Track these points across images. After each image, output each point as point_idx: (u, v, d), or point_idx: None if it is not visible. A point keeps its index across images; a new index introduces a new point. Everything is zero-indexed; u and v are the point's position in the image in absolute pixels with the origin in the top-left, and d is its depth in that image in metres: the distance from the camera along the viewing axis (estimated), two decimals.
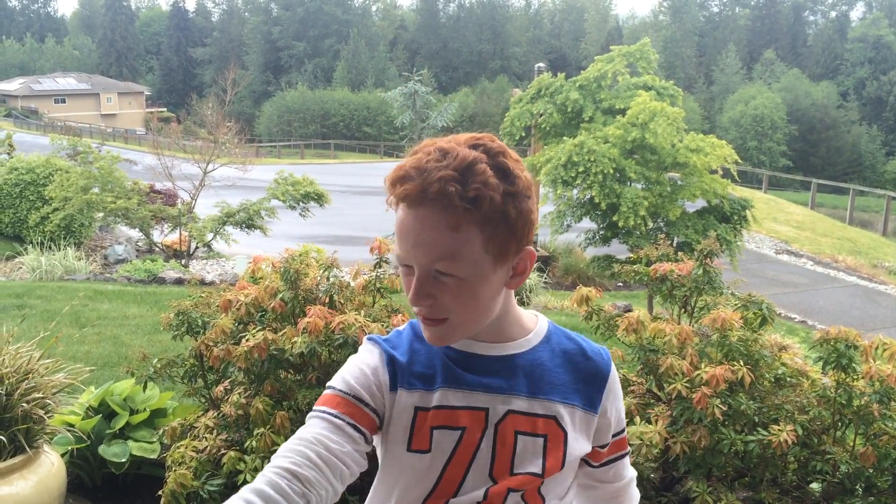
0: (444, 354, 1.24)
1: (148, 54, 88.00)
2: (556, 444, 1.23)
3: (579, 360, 1.27)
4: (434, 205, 1.08)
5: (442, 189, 1.07)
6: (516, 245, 1.14)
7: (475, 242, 1.10)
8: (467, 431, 1.20)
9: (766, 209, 19.08)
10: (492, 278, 1.14)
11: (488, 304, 1.17)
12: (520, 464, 1.21)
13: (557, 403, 1.23)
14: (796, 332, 8.76)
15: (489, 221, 1.10)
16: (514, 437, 1.21)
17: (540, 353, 1.25)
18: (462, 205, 1.07)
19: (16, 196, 12.38)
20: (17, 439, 3.05)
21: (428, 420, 1.20)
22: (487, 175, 1.09)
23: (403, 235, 1.13)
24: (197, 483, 3.02)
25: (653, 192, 10.08)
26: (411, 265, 1.13)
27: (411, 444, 1.20)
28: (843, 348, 2.88)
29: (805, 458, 2.93)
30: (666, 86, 11.63)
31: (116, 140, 42.90)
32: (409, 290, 1.15)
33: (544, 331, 1.28)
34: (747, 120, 50.87)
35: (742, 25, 75.19)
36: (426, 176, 1.08)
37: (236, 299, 3.24)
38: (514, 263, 1.17)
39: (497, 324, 1.22)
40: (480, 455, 1.20)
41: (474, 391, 1.21)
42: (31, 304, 7.43)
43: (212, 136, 13.02)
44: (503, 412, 1.21)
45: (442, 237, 1.09)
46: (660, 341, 3.03)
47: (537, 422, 1.22)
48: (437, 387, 1.21)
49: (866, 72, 63.58)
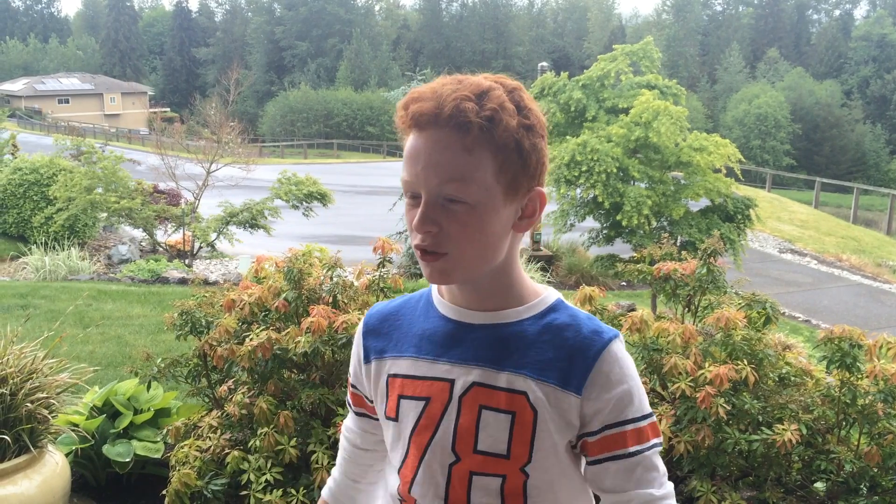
0: (427, 316, 1.22)
1: (151, 54, 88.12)
2: (525, 424, 1.13)
3: (569, 336, 1.15)
4: (448, 125, 1.06)
5: (457, 107, 1.05)
6: (528, 181, 1.11)
7: (487, 168, 1.07)
8: (431, 402, 1.17)
9: (770, 208, 19.04)
10: (501, 212, 1.10)
11: (494, 242, 1.12)
12: (484, 441, 1.14)
13: (529, 379, 1.13)
14: (800, 332, 8.74)
15: (503, 148, 1.07)
16: (479, 412, 1.15)
17: (526, 325, 1.17)
18: (477, 122, 1.05)
19: (20, 196, 12.41)
20: (21, 439, 3.05)
21: (397, 388, 1.21)
22: (504, 100, 1.08)
23: (413, 158, 1.09)
24: (201, 483, 3.02)
25: (656, 191, 10.08)
26: (418, 193, 1.09)
27: (386, 410, 1.23)
28: (847, 347, 2.88)
29: (809, 457, 2.92)
30: (669, 85, 11.63)
31: (120, 140, 42.96)
32: (413, 220, 1.10)
33: (544, 305, 1.19)
34: (751, 119, 50.79)
35: (745, 24, 75.06)
36: (441, 97, 1.07)
37: (240, 299, 3.24)
38: (524, 203, 1.13)
39: (493, 284, 1.16)
40: (442, 428, 1.16)
41: (439, 361, 1.18)
42: (36, 304, 7.45)
43: (215, 136, 13.02)
44: (468, 384, 1.15)
45: (454, 158, 1.06)
46: (663, 340, 3.02)
47: (503, 396, 1.14)
48: (405, 354, 1.21)
49: (870, 70, 63.43)
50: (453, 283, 1.16)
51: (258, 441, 2.99)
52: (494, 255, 1.13)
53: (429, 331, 1.21)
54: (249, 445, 3.05)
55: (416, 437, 1.18)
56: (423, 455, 1.18)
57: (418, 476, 1.19)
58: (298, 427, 3.06)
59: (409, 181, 1.10)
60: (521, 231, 1.15)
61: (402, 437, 1.20)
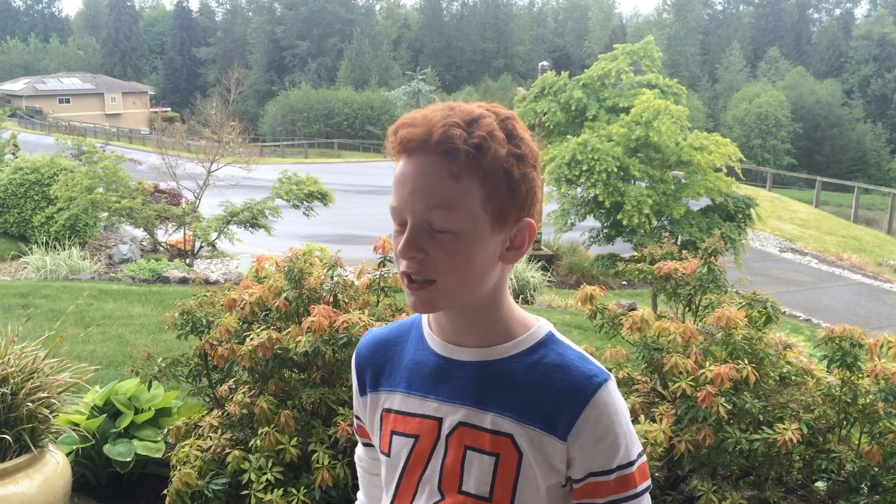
0: (419, 350, 1.21)
1: (152, 54, 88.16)
2: (509, 466, 1.12)
3: (556, 378, 1.12)
4: (435, 150, 1.05)
5: (446, 133, 1.05)
6: (516, 212, 1.10)
7: (475, 196, 1.06)
8: (420, 440, 1.18)
9: (771, 207, 19.04)
10: (488, 242, 1.08)
11: (480, 273, 1.09)
12: (468, 482, 1.14)
13: (513, 422, 1.12)
14: (801, 331, 8.74)
15: (491, 177, 1.06)
16: (464, 452, 1.14)
17: (514, 363, 1.14)
18: (465, 149, 1.04)
19: (20, 196, 12.42)
20: (22, 439, 3.06)
21: (390, 423, 1.21)
22: (494, 128, 1.07)
23: (401, 183, 1.08)
24: (201, 482, 3.02)
25: (657, 190, 10.07)
26: (405, 219, 1.08)
27: (381, 445, 1.24)
28: (847, 346, 2.88)
29: (810, 456, 2.92)
30: (670, 84, 11.62)
31: (121, 140, 42.97)
32: (399, 246, 1.09)
33: (533, 340, 1.16)
34: (751, 118, 50.76)
35: (746, 23, 75.03)
36: (431, 123, 1.06)
37: (240, 298, 3.24)
38: (513, 234, 1.11)
39: (481, 318, 1.15)
40: (430, 466, 1.17)
41: (428, 399, 1.17)
42: (36, 304, 7.45)
43: (216, 136, 13.04)
44: (454, 423, 1.15)
45: (441, 184, 1.05)
46: (664, 340, 3.02)
47: (487, 438, 1.13)
48: (399, 389, 1.21)
49: (871, 69, 63.41)
50: (437, 311, 1.15)
51: (259, 441, 2.99)
52: (480, 285, 1.11)
53: (419, 364, 1.20)
54: (250, 445, 3.05)
55: (407, 475, 1.19)
56: (414, 492, 1.18)
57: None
58: (299, 427, 3.06)
59: (396, 206, 1.09)
60: (508, 262, 1.13)
61: (395, 473, 1.21)
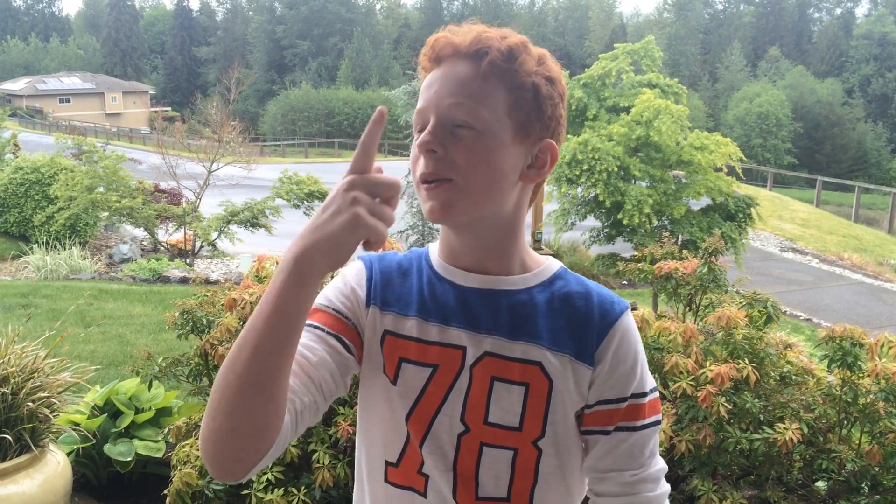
0: (427, 279, 1.15)
1: (152, 53, 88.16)
2: (539, 395, 1.10)
3: (580, 305, 1.13)
4: (467, 55, 1.06)
5: (478, 38, 1.06)
6: (540, 129, 1.09)
7: (500, 100, 1.05)
8: (439, 370, 1.11)
9: (771, 207, 19.03)
10: (509, 149, 1.06)
11: (500, 180, 1.07)
12: (495, 413, 1.10)
13: (545, 349, 1.10)
14: (801, 331, 8.74)
15: (519, 86, 1.06)
16: (491, 383, 1.10)
17: (535, 294, 1.13)
18: (496, 53, 1.05)
19: (21, 195, 12.42)
20: (22, 438, 3.06)
21: (398, 349, 1.12)
22: (528, 45, 1.08)
23: (427, 87, 1.08)
24: (202, 482, 3.03)
25: (657, 189, 10.07)
26: (428, 119, 1.06)
27: (385, 368, 1.13)
28: (848, 346, 2.88)
29: (811, 456, 2.92)
30: (670, 83, 11.62)
31: (121, 139, 42.94)
32: (418, 141, 1.07)
33: (549, 273, 1.16)
34: (752, 117, 50.72)
35: (746, 22, 74.99)
36: (467, 32, 1.08)
37: (241, 298, 3.24)
38: (535, 153, 1.10)
39: (499, 245, 1.12)
40: (452, 398, 1.10)
41: (450, 326, 1.11)
42: (37, 304, 7.45)
43: (216, 136, 13.04)
44: (480, 353, 1.10)
45: (469, 82, 1.05)
46: (665, 339, 3.02)
47: (517, 367, 1.10)
48: (410, 314, 1.13)
49: (871, 69, 63.36)
50: (455, 219, 1.08)
51: None
52: (500, 195, 1.08)
53: (433, 292, 1.14)
54: None
55: (422, 405, 1.11)
56: (430, 424, 1.11)
57: (426, 446, 1.11)
58: None
59: (420, 108, 1.08)
60: (528, 182, 1.11)
61: (405, 402, 1.12)
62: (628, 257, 9.06)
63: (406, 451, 1.13)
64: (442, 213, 1.05)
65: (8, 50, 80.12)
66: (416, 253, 1.22)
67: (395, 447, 1.14)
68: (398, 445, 1.14)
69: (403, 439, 1.13)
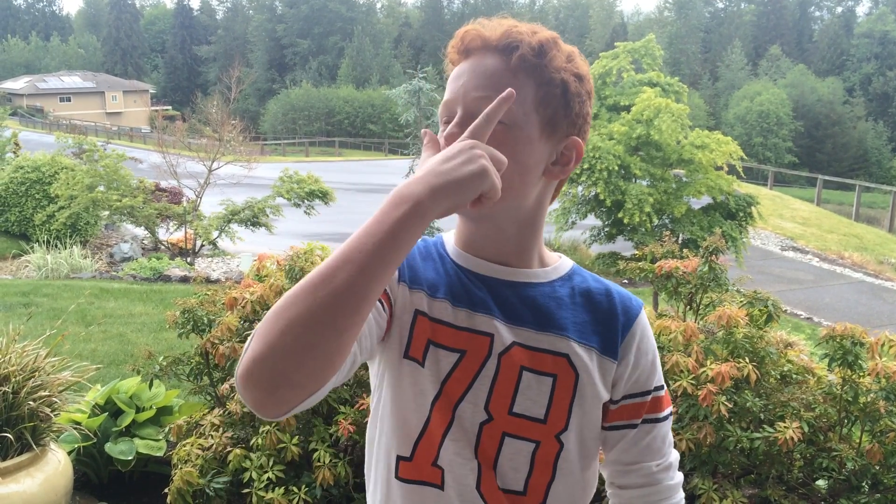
0: (448, 264, 1.14)
1: (153, 52, 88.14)
2: (566, 388, 1.11)
3: (601, 300, 1.16)
4: (497, 48, 1.06)
5: (509, 32, 1.06)
6: (567, 126, 1.09)
7: (528, 95, 1.06)
8: (467, 356, 1.09)
9: (772, 206, 19.02)
10: (535, 145, 1.07)
11: (524, 175, 1.07)
12: (521, 404, 1.10)
13: (572, 341, 1.11)
14: (802, 329, 8.73)
15: (548, 82, 1.07)
16: (520, 373, 1.10)
17: (557, 287, 1.15)
18: (527, 49, 1.05)
19: (21, 195, 12.42)
20: (23, 437, 3.06)
21: (427, 331, 1.10)
22: (559, 42, 1.09)
23: (456, 78, 1.08)
24: (203, 481, 3.03)
25: (658, 188, 10.07)
26: (454, 111, 1.07)
27: (409, 349, 1.10)
28: (849, 345, 2.88)
29: (811, 455, 2.92)
30: (671, 82, 11.61)
31: (121, 138, 42.96)
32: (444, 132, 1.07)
33: (566, 268, 1.18)
34: (752, 116, 50.68)
35: (747, 21, 74.93)
36: (498, 26, 1.08)
37: (242, 297, 3.24)
38: (560, 149, 1.10)
39: (519, 238, 1.12)
40: (477, 385, 1.09)
41: (478, 313, 1.10)
42: (38, 303, 7.46)
43: (217, 135, 13.04)
44: (509, 342, 1.10)
45: (498, 75, 1.05)
46: (665, 338, 3.02)
47: (546, 358, 1.10)
48: (440, 296, 1.11)
49: (872, 67, 63.30)
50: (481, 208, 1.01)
51: (260, 439, 2.99)
52: (523, 190, 1.08)
53: (458, 279, 1.12)
54: (251, 443, 3.05)
55: (448, 389, 1.09)
56: (454, 410, 1.09)
57: (450, 433, 1.09)
58: (300, 425, 3.07)
59: (448, 100, 1.08)
60: (552, 178, 1.11)
61: (432, 384, 1.09)
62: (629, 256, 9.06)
63: (420, 441, 1.11)
64: None
65: (8, 49, 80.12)
66: (429, 241, 1.20)
67: (410, 439, 1.11)
68: (413, 436, 1.11)
69: (421, 427, 1.10)
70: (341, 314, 0.89)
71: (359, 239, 0.90)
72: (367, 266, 0.90)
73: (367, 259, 0.89)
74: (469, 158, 0.94)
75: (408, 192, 0.92)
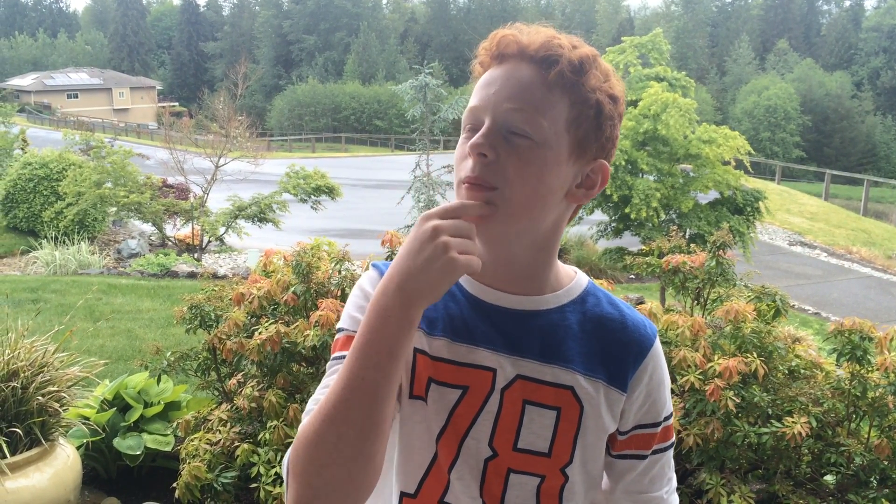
0: (454, 296, 1.10)
1: (159, 49, 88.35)
2: (570, 420, 1.08)
3: (615, 329, 1.11)
4: (533, 59, 1.01)
5: (548, 44, 1.01)
6: (597, 148, 1.05)
7: (562, 113, 1.01)
8: (469, 392, 1.06)
9: (780, 200, 18.96)
10: (563, 167, 1.02)
11: (547, 197, 1.02)
12: (525, 439, 1.07)
13: (577, 374, 1.07)
14: (810, 324, 8.71)
15: (583, 102, 1.02)
16: (523, 408, 1.07)
17: (567, 314, 1.10)
18: (566, 64, 1.00)
19: (30, 191, 12.47)
20: (32, 432, 3.07)
21: (428, 369, 1.07)
22: (598, 60, 1.04)
23: (486, 85, 1.03)
24: (211, 475, 3.04)
25: (665, 183, 10.04)
26: (482, 121, 1.01)
27: (413, 389, 1.08)
28: (857, 340, 2.87)
29: (819, 450, 2.91)
30: (678, 77, 11.57)
31: (129, 135, 43.12)
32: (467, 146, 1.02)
33: (580, 290, 1.13)
34: (760, 111, 50.51)
35: (755, 15, 74.62)
36: (535, 33, 1.03)
37: (249, 293, 3.25)
38: (587, 171, 1.06)
39: (532, 263, 1.08)
40: (481, 421, 1.07)
41: (480, 347, 1.07)
42: (46, 299, 7.49)
43: (223, 131, 13.06)
44: (512, 376, 1.07)
45: (533, 88, 1.00)
46: (672, 333, 3.02)
47: (549, 392, 1.07)
48: (438, 333, 1.08)
49: (881, 61, 62.99)
50: (490, 229, 1.02)
51: (268, 434, 3.00)
52: (542, 212, 1.03)
53: (461, 310, 1.09)
54: (259, 438, 3.06)
55: (452, 426, 1.07)
56: (459, 447, 1.07)
57: (454, 470, 1.07)
58: None
59: (475, 106, 1.03)
60: (575, 201, 1.07)
61: (431, 425, 1.07)
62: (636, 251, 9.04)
63: (427, 478, 1.09)
64: (482, 212, 1.00)
65: (16, 46, 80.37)
66: None
67: (416, 474, 1.09)
68: (419, 472, 1.09)
69: (427, 463, 1.08)
70: (370, 443, 0.94)
71: (360, 364, 0.94)
72: (377, 392, 0.94)
73: (374, 386, 0.93)
74: (432, 255, 0.92)
75: (388, 305, 0.93)
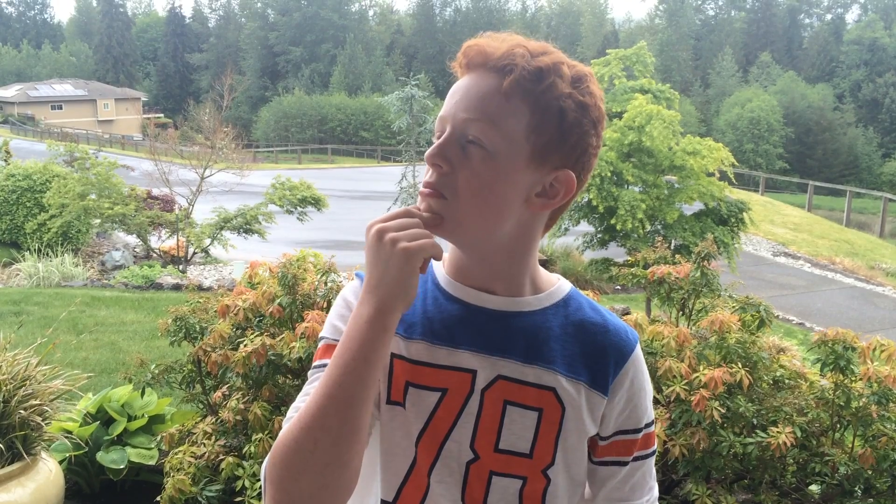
0: (432, 299, 1.10)
1: (145, 60, 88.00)
2: (552, 422, 1.07)
3: (597, 332, 1.11)
4: (494, 68, 1.01)
5: (509, 53, 1.01)
6: (560, 157, 1.03)
7: (520, 121, 1.00)
8: (449, 394, 1.06)
9: (763, 211, 19.11)
10: (519, 174, 1.01)
11: (499, 206, 1.02)
12: (506, 439, 1.06)
13: (559, 375, 1.07)
14: (794, 334, 8.76)
15: (543, 109, 1.00)
16: (503, 408, 1.06)
17: (549, 316, 1.10)
18: (522, 71, 0.99)
19: (12, 203, 12.37)
20: (14, 446, 3.04)
21: (405, 372, 1.07)
22: (562, 66, 1.02)
23: (451, 94, 1.05)
24: (195, 489, 3.01)
25: (650, 194, 10.10)
26: (445, 129, 1.03)
27: (390, 394, 1.07)
28: (840, 350, 2.89)
29: (804, 459, 2.93)
30: (662, 89, 11.67)
31: (113, 146, 42.88)
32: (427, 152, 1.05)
33: (562, 294, 1.13)
34: (743, 122, 50.93)
35: (738, 28, 75.35)
36: (500, 43, 1.03)
37: (234, 304, 3.23)
38: (549, 181, 1.04)
39: (509, 265, 1.08)
40: (461, 422, 1.06)
41: (460, 349, 1.06)
42: (29, 311, 7.42)
43: (209, 142, 13.04)
44: (492, 377, 1.06)
45: (489, 98, 1.00)
46: (658, 344, 3.03)
47: (531, 392, 1.06)
48: (416, 337, 1.07)
49: (862, 74, 63.72)
50: (442, 235, 1.04)
51: (253, 447, 2.98)
52: (498, 222, 1.03)
53: (440, 313, 1.09)
54: (244, 451, 3.04)
55: (431, 430, 1.06)
56: (439, 449, 1.06)
57: (434, 474, 1.06)
58: None
59: (441, 116, 1.05)
60: (534, 209, 1.05)
61: (410, 429, 1.07)
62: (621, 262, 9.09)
63: (406, 485, 1.08)
64: (428, 223, 1.01)
65: (0, 57, 79.88)
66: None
67: (395, 481, 1.08)
68: (398, 478, 1.08)
69: (406, 468, 1.07)
70: (345, 449, 0.95)
71: (339, 372, 0.96)
72: (353, 398, 0.95)
73: (355, 391, 0.95)
74: (387, 254, 0.96)
75: (362, 312, 0.97)
